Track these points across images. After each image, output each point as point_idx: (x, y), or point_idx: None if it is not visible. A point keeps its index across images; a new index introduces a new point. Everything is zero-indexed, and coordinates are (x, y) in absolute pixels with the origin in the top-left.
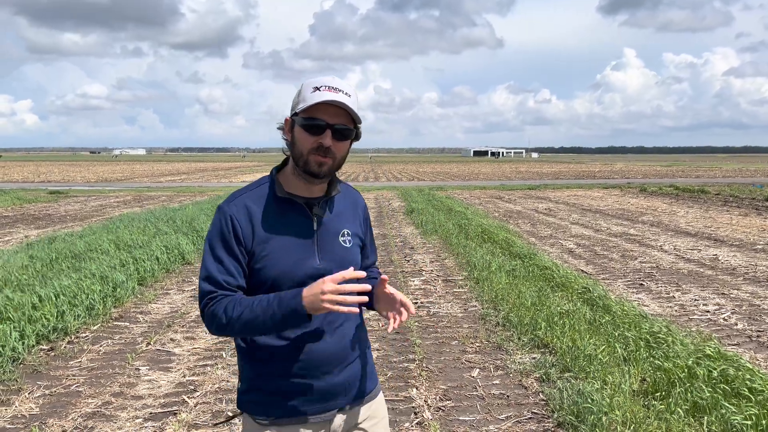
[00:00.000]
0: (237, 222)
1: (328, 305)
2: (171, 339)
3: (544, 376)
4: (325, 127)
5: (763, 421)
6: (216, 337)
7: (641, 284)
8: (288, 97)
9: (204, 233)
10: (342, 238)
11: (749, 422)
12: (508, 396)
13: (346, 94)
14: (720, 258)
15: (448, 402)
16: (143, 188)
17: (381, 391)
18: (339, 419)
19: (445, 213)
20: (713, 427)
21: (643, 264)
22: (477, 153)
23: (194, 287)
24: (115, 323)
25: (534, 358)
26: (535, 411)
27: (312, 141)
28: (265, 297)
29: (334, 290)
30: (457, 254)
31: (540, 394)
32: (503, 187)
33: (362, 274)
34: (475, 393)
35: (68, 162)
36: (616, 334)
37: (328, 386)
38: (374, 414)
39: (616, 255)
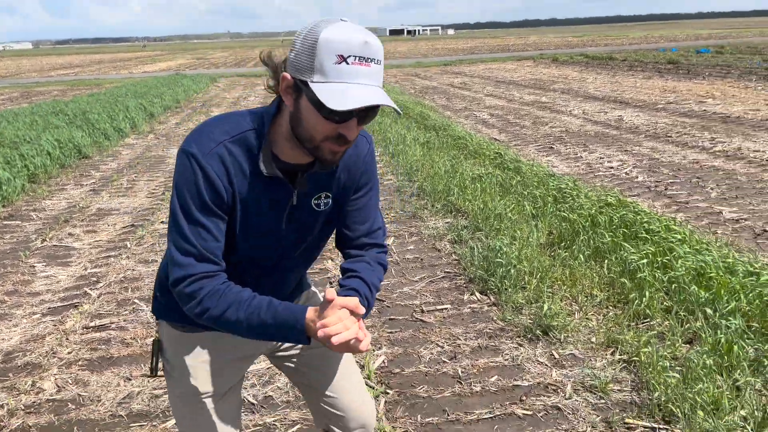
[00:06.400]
0: (216, 176)
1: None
2: (69, 234)
3: (456, 238)
4: (350, 114)
5: (658, 258)
6: (121, 228)
7: (551, 147)
8: None
9: (101, 126)
10: (316, 201)
11: (645, 260)
12: (422, 259)
13: (377, 62)
14: (624, 118)
15: None
16: (32, 84)
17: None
18: None
19: None
20: (613, 267)
21: (554, 129)
22: (393, 32)
23: (93, 181)
24: (4, 222)
25: (447, 222)
26: (447, 270)
27: (330, 129)
28: (266, 305)
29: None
30: (372, 131)
31: (453, 254)
32: (419, 65)
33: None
34: (390, 259)
35: None
36: (526, 193)
37: None
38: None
39: (528, 122)
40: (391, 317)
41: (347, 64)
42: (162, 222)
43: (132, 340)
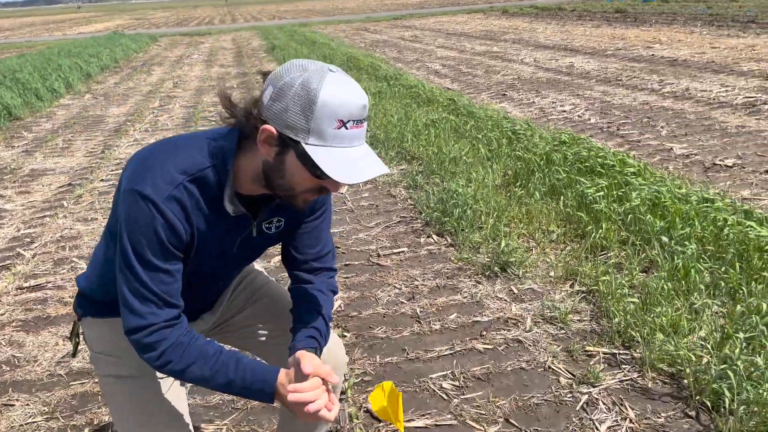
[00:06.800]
0: (177, 220)
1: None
2: (0, 196)
3: (411, 183)
4: None
5: (614, 192)
6: (57, 188)
7: (504, 94)
8: None
9: (32, 86)
10: (267, 225)
11: (600, 193)
12: (377, 206)
13: (367, 119)
14: (575, 65)
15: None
16: None
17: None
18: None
19: (308, 47)
20: (569, 202)
21: (506, 77)
22: None
23: (26, 142)
24: None
25: (402, 168)
26: (403, 215)
27: (314, 183)
28: (233, 364)
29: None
30: None
31: (408, 200)
32: (369, 20)
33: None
34: (344, 207)
35: None
36: (480, 137)
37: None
38: (243, 274)
39: (480, 71)
40: (347, 263)
41: (346, 128)
42: (102, 180)
43: (70, 299)
